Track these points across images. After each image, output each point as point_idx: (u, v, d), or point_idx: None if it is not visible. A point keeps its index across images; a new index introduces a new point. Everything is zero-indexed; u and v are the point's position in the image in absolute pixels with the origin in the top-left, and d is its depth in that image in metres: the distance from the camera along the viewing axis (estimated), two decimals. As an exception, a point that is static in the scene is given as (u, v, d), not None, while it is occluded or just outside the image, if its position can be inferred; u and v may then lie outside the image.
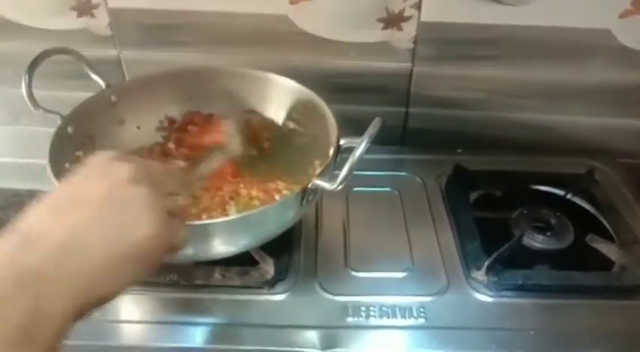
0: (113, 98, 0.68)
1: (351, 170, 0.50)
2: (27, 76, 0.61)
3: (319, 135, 0.64)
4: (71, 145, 0.62)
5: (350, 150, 0.52)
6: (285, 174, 0.65)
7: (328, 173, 0.56)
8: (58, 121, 0.61)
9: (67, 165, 0.59)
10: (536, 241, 0.66)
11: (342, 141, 0.59)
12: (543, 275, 0.64)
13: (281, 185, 0.63)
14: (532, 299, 0.60)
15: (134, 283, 0.37)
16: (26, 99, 0.61)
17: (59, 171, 0.55)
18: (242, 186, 0.63)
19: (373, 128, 0.52)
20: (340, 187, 0.51)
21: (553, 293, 0.61)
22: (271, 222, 0.56)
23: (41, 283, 0.31)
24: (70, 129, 0.62)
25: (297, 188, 0.54)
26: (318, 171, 0.58)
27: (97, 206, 0.36)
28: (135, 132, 0.71)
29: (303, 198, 0.54)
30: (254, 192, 0.62)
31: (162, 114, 0.72)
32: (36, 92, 0.61)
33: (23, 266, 0.32)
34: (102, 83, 0.67)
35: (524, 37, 0.75)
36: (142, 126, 0.71)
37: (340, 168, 0.51)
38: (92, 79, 0.67)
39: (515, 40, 0.75)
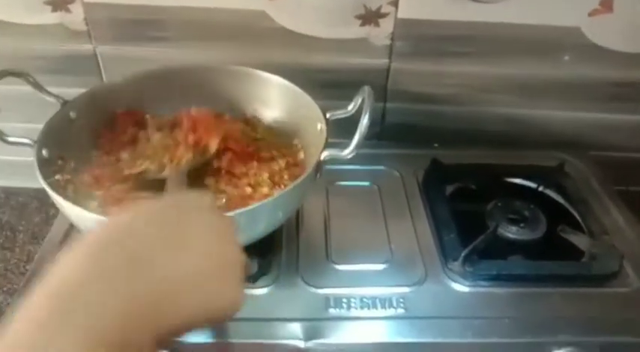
0: (72, 115, 0.66)
1: (361, 136, 0.54)
2: None
3: (302, 122, 0.66)
4: (51, 169, 0.61)
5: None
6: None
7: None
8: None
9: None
10: (510, 232, 0.68)
11: (327, 115, 0.63)
12: (517, 265, 0.66)
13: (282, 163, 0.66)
14: (507, 288, 0.62)
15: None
16: None
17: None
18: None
19: (370, 95, 0.57)
20: (352, 154, 0.55)
21: (527, 282, 0.62)
22: (297, 197, 0.59)
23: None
24: (45, 153, 0.60)
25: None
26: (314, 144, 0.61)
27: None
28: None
29: (317, 172, 0.57)
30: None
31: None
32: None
33: None
34: (57, 102, 0.65)
35: (498, 34, 0.76)
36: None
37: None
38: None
39: (490, 36, 0.77)
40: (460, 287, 0.62)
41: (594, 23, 0.76)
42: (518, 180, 0.78)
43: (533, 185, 0.78)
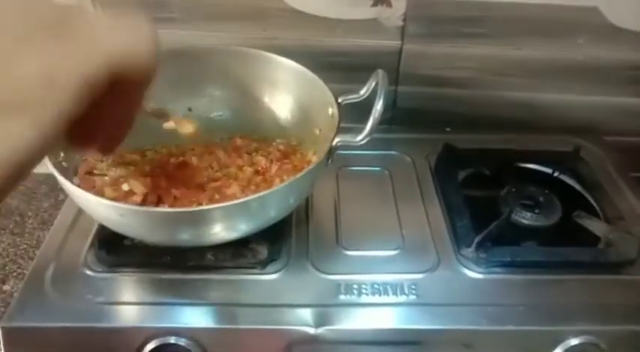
0: None
1: (375, 121, 0.53)
2: None
3: (313, 107, 0.65)
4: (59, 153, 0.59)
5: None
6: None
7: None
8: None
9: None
10: (524, 218, 0.67)
11: (339, 99, 0.61)
12: (532, 251, 0.65)
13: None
14: (521, 275, 0.61)
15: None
16: None
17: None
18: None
19: (383, 79, 0.56)
20: (366, 140, 0.54)
21: (541, 269, 0.61)
22: (308, 183, 0.58)
23: None
24: None
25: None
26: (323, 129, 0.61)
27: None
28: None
29: (329, 158, 0.56)
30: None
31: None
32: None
33: None
34: None
35: (513, 15, 0.75)
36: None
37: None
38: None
39: (504, 17, 0.75)
40: (473, 273, 0.61)
41: (613, 3, 0.74)
42: (532, 166, 0.77)
43: (548, 170, 0.76)
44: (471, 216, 0.66)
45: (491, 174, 0.75)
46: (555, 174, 0.76)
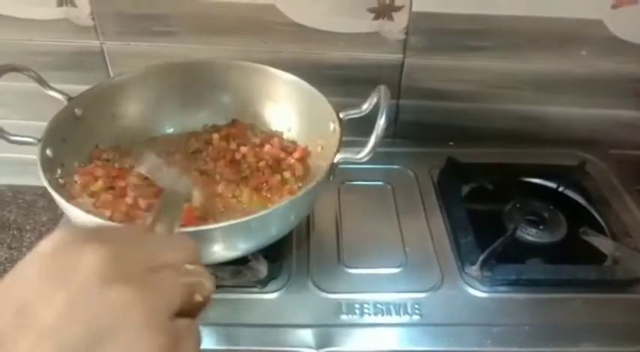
0: (77, 112, 0.63)
1: (378, 138, 0.52)
2: None
3: (314, 122, 0.65)
4: (55, 168, 0.59)
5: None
6: None
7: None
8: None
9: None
10: (529, 234, 0.66)
11: (341, 114, 0.60)
12: (537, 269, 0.64)
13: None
14: (526, 293, 0.60)
15: None
16: None
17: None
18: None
19: (386, 95, 0.55)
20: (368, 157, 0.52)
21: (547, 287, 0.60)
22: (309, 201, 0.58)
23: None
24: (48, 152, 0.58)
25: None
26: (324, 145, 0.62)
27: (54, 339, 0.22)
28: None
29: (330, 174, 0.55)
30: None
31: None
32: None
33: None
34: (62, 98, 0.63)
35: (516, 28, 0.74)
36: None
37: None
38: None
39: (507, 30, 0.74)
40: (478, 292, 0.60)
41: (617, 15, 0.73)
42: (537, 180, 0.76)
43: (552, 185, 0.75)
44: (474, 233, 0.65)
45: (495, 189, 0.74)
46: (560, 189, 0.75)
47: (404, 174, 0.76)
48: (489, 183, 0.74)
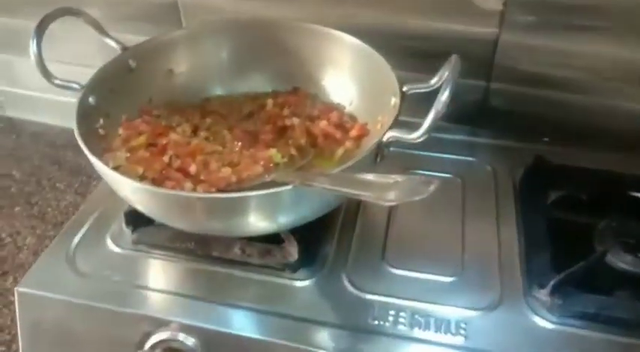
0: (131, 63, 0.62)
1: (436, 117, 0.45)
2: (35, 44, 0.54)
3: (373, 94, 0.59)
4: (95, 116, 0.58)
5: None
6: None
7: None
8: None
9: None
10: (622, 261, 0.56)
11: (404, 88, 0.54)
12: (624, 305, 0.53)
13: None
14: (604, 333, 0.50)
15: None
16: (38, 71, 0.55)
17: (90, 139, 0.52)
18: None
19: (455, 67, 0.48)
20: (424, 138, 0.45)
21: (633, 329, 0.50)
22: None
23: None
24: (91, 100, 0.56)
25: None
26: (383, 123, 0.55)
27: None
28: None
29: (377, 154, 0.49)
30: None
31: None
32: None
33: None
34: (117, 47, 0.61)
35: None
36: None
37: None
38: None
39: (628, 8, 0.63)
40: (542, 321, 0.51)
41: None
42: (645, 197, 0.65)
43: (665, 204, 0.63)
44: (553, 249, 0.56)
45: (589, 200, 0.64)
46: (673, 211, 0.62)
47: (480, 168, 0.68)
48: (584, 192, 0.65)
